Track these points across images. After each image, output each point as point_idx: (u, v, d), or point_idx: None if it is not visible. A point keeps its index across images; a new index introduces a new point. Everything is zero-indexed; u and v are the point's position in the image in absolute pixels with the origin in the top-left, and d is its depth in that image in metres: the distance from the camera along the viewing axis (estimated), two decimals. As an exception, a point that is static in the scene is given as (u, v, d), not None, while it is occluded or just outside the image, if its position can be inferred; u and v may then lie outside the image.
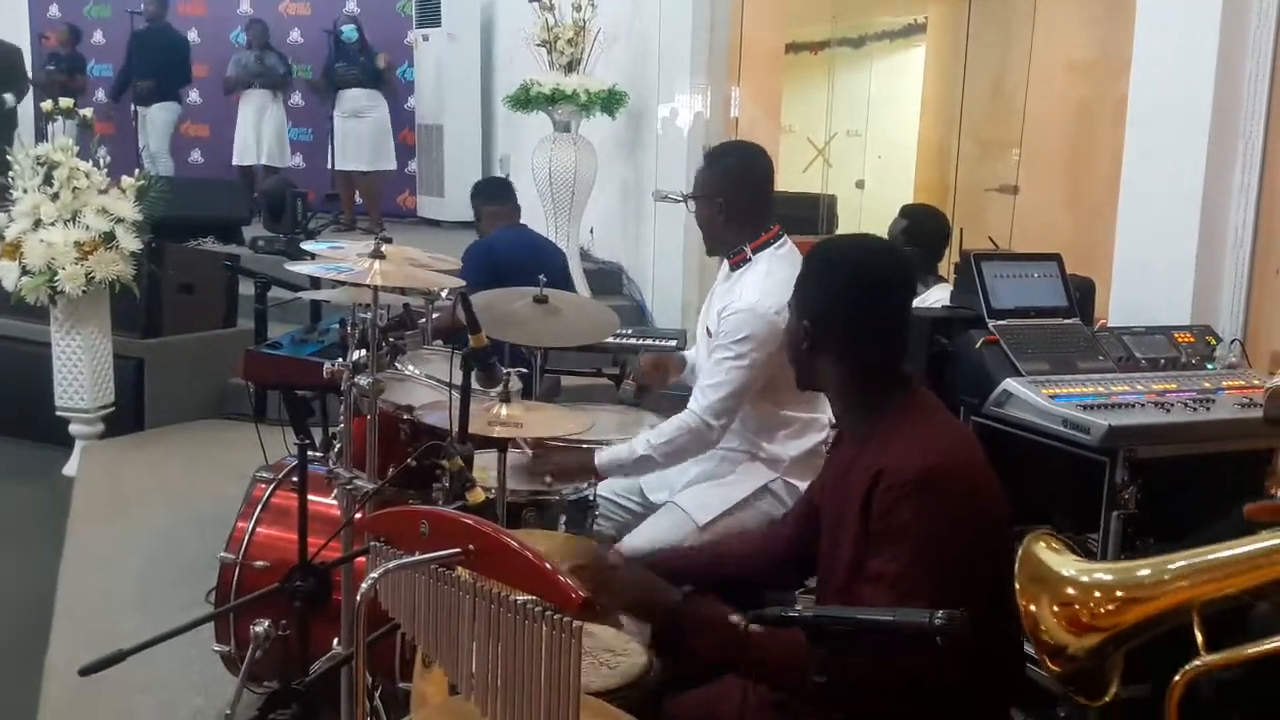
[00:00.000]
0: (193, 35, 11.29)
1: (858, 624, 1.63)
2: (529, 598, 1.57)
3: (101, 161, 5.71)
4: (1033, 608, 1.29)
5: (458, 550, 1.64)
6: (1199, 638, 1.18)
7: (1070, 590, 1.28)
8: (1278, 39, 3.86)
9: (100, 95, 11.57)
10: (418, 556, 1.66)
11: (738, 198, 3.26)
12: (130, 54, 10.61)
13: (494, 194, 5.37)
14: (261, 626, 2.86)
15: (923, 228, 4.70)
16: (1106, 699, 1.29)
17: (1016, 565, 1.34)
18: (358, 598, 1.63)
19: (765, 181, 3.36)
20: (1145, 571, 1.24)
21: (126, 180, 5.74)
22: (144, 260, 5.82)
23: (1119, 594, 1.24)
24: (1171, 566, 1.22)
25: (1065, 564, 1.33)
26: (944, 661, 1.64)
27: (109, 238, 5.56)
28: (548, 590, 1.56)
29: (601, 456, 3.19)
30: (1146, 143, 4.16)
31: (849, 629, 1.64)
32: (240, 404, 6.29)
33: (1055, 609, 1.28)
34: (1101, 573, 1.28)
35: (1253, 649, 1.14)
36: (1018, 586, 1.32)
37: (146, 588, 4.38)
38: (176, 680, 3.58)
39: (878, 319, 2.22)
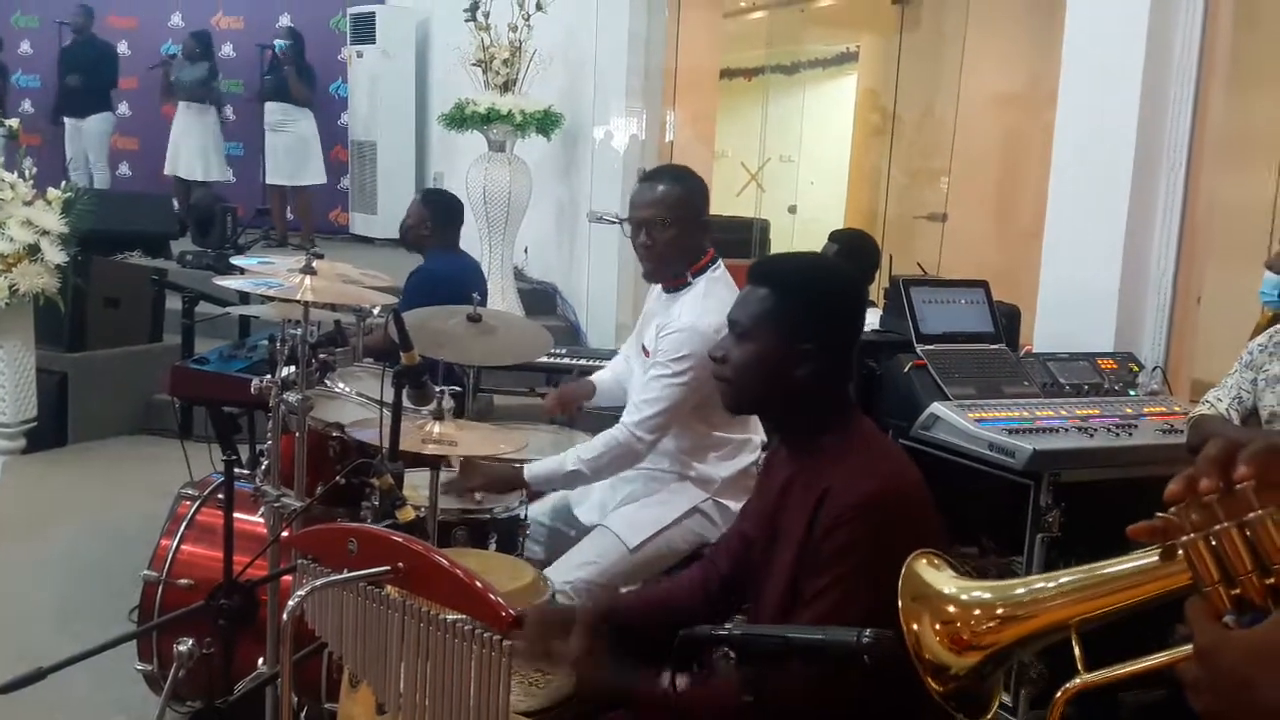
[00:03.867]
0: (123, 47, 11.14)
1: (786, 642, 1.63)
2: (458, 616, 1.56)
3: (28, 173, 5.61)
4: (915, 626, 1.29)
5: (387, 568, 1.64)
6: (1078, 656, 1.20)
7: (951, 608, 1.29)
8: (1200, 71, 3.97)
9: (26, 105, 11.39)
10: (346, 574, 1.65)
11: (695, 221, 3.27)
12: (60, 68, 10.48)
13: (452, 215, 5.18)
14: (185, 645, 2.81)
15: (854, 253, 4.75)
16: (988, 717, 1.30)
17: (900, 585, 1.35)
18: (284, 616, 1.61)
19: (707, 205, 3.39)
20: (1022, 590, 1.26)
21: (53, 192, 5.65)
22: (69, 273, 5.71)
23: (999, 612, 1.25)
24: (1048, 585, 1.24)
25: (945, 582, 1.34)
26: (875, 681, 1.65)
27: (34, 250, 5.46)
28: (477, 609, 1.56)
29: (532, 470, 3.17)
30: (1072, 173, 4.24)
31: (778, 648, 1.65)
32: (166, 420, 6.19)
33: (937, 627, 1.28)
34: (981, 591, 1.29)
35: (1126, 669, 1.16)
36: (900, 605, 1.32)
37: (68, 605, 4.29)
38: (98, 699, 3.51)
39: (848, 339, 2.23)
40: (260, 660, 2.89)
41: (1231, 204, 4.37)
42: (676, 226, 3.23)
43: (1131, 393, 3.74)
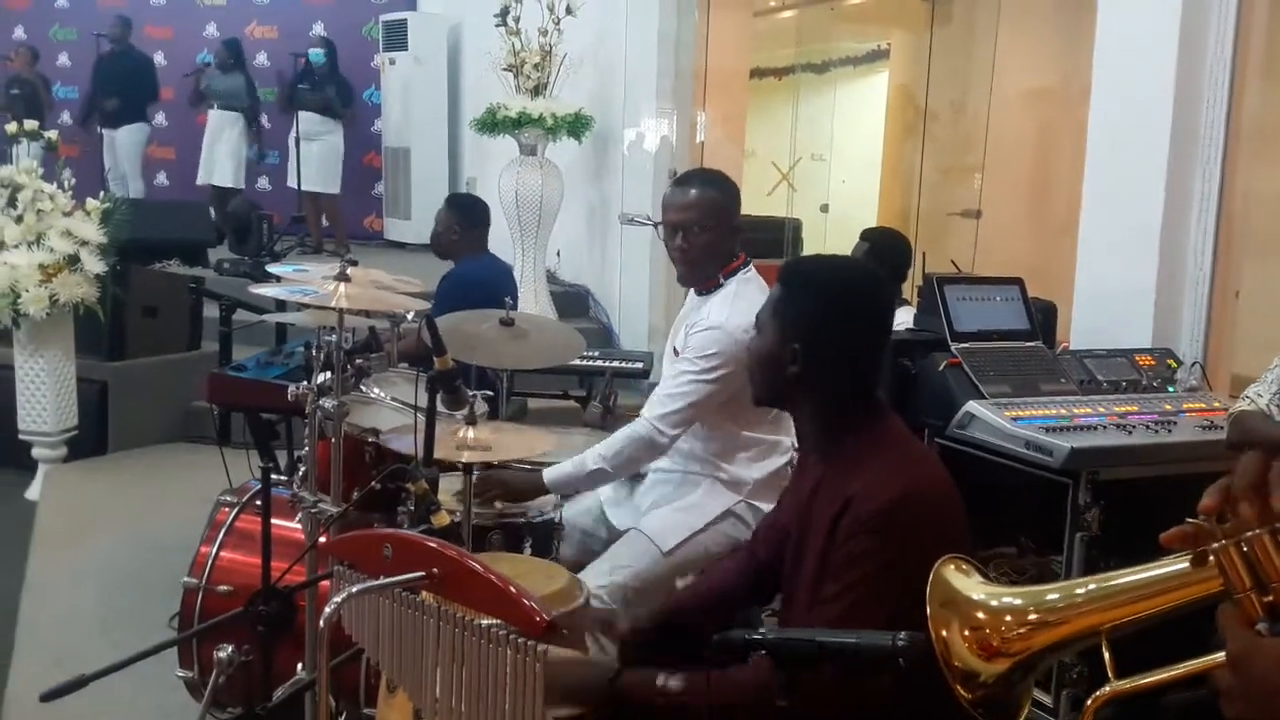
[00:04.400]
0: (159, 58, 11.24)
1: (820, 647, 1.63)
2: (493, 621, 1.57)
3: (66, 184, 5.68)
4: (944, 633, 1.28)
5: (421, 574, 1.64)
6: (1108, 663, 1.19)
7: (981, 615, 1.28)
8: (1234, 63, 3.93)
9: (65, 117, 11.51)
10: (381, 580, 1.65)
11: (729, 225, 3.27)
12: (95, 78, 10.57)
13: (479, 218, 5.20)
14: (225, 652, 2.83)
15: (885, 251, 4.73)
16: None
17: (928, 591, 1.33)
18: (320, 623, 1.62)
19: (739, 209, 3.39)
20: (1054, 596, 1.25)
21: (91, 203, 5.71)
22: (108, 283, 5.77)
23: (1030, 618, 1.24)
24: (1079, 591, 1.23)
25: (974, 588, 1.32)
26: (908, 684, 1.64)
27: (73, 260, 5.52)
28: (511, 614, 1.56)
29: (552, 474, 3.17)
30: (1106, 168, 4.21)
31: (812, 652, 1.64)
32: (205, 427, 6.25)
33: (966, 634, 1.27)
34: (1011, 597, 1.28)
35: (1157, 676, 1.15)
36: (929, 612, 1.31)
37: (109, 613, 4.34)
38: (140, 706, 3.54)
39: (867, 341, 2.23)
40: (299, 666, 2.91)
41: (1269, 197, 4.32)
42: (711, 231, 3.23)
43: (1170, 389, 3.71)
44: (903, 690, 1.74)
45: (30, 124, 8.00)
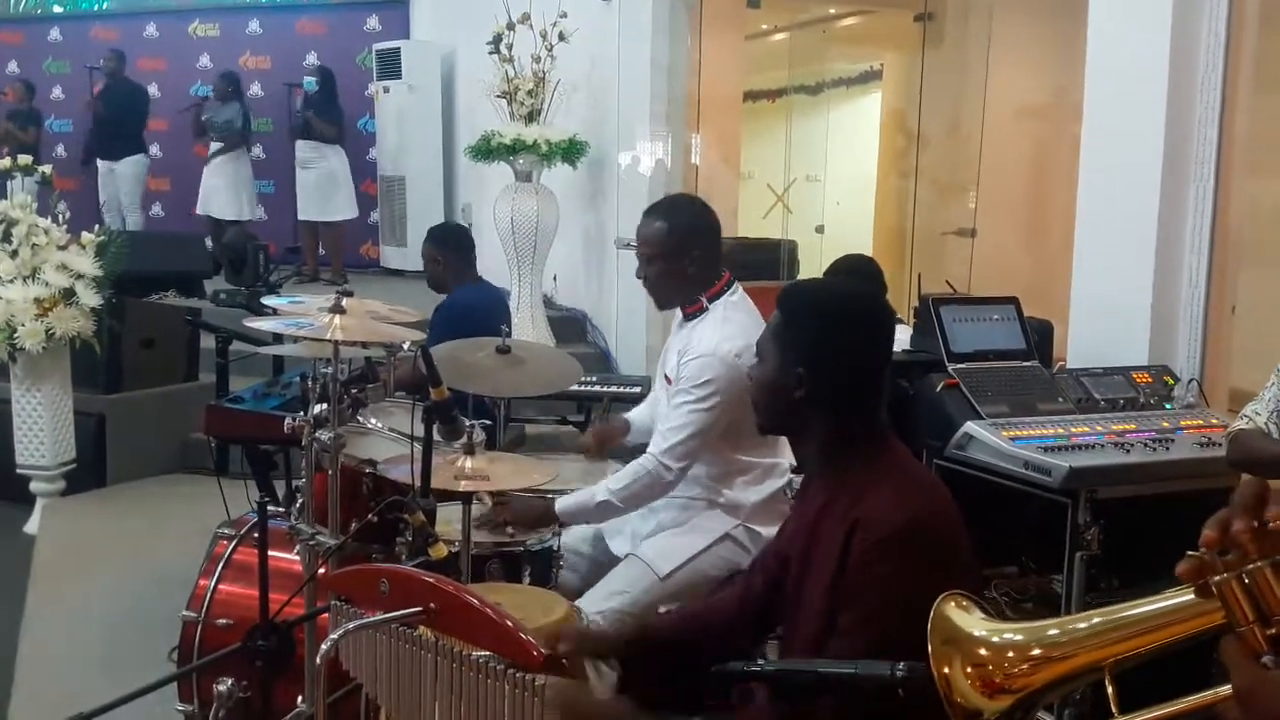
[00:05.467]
0: (153, 89, 11.29)
1: (819, 676, 1.62)
2: (490, 655, 1.56)
3: (61, 217, 5.68)
4: (946, 671, 1.27)
5: (419, 609, 1.64)
6: (1111, 697, 1.18)
7: (983, 651, 1.27)
8: (1225, 78, 3.94)
9: (60, 150, 11.54)
10: (378, 616, 1.65)
11: (706, 251, 3.28)
12: (96, 116, 10.62)
13: (460, 244, 5.23)
14: (225, 685, 2.83)
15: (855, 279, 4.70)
16: None
17: (929, 629, 1.32)
18: (317, 659, 1.61)
19: (719, 229, 3.40)
20: (1055, 631, 1.24)
21: (86, 236, 5.72)
22: (104, 316, 5.77)
23: (1033, 654, 1.23)
24: (1081, 625, 1.22)
25: (976, 624, 1.31)
26: (910, 714, 1.63)
27: (69, 294, 5.52)
28: (509, 648, 1.56)
29: (563, 503, 3.19)
30: (1100, 185, 4.22)
31: (810, 681, 1.63)
32: (202, 458, 6.22)
33: (968, 671, 1.26)
34: (1012, 633, 1.27)
35: (1162, 710, 1.14)
36: (930, 650, 1.30)
37: (109, 646, 4.32)
38: (139, 741, 3.52)
39: (870, 361, 2.22)
40: (299, 699, 2.89)
41: (1263, 210, 4.32)
42: (661, 260, 3.31)
43: (1167, 406, 3.70)
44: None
45: (24, 159, 8.00)
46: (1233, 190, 4.02)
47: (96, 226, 6.02)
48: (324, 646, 1.63)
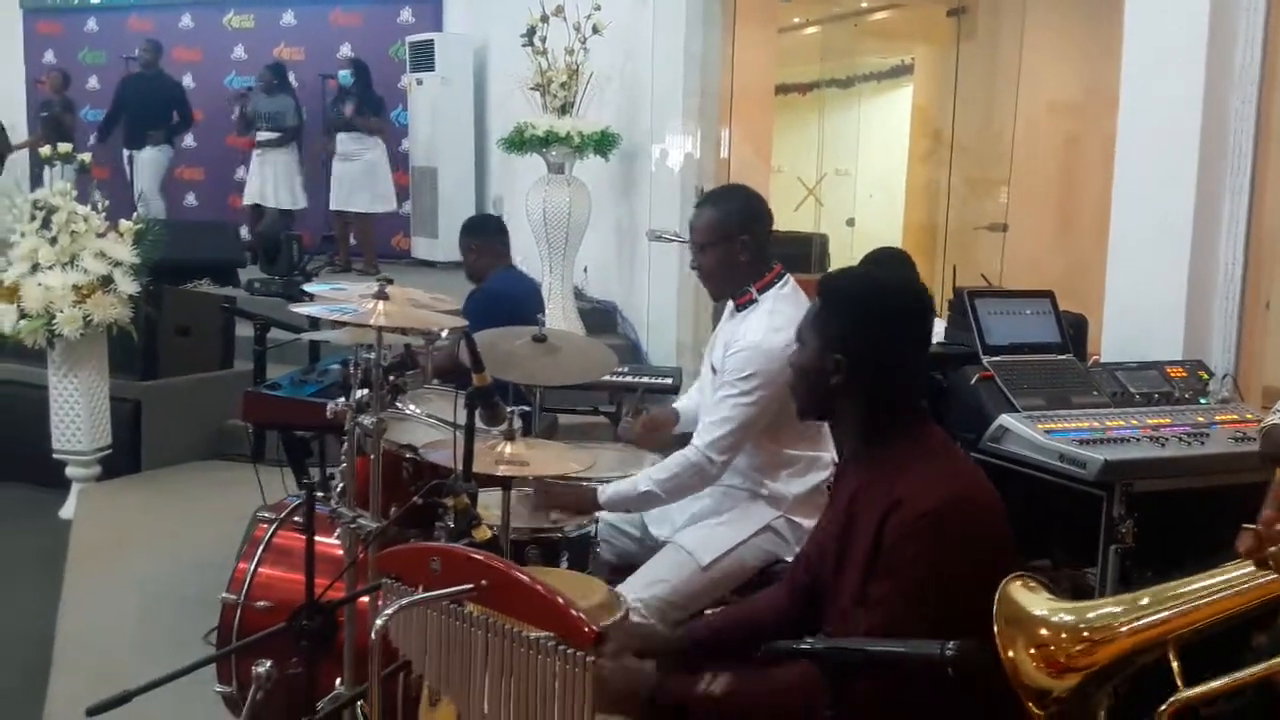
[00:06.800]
0: (187, 80, 11.35)
1: (869, 656, 1.63)
2: (541, 633, 1.59)
3: (99, 205, 5.74)
4: (1011, 652, 1.28)
5: (470, 586, 1.66)
6: (1176, 672, 1.19)
7: (1043, 631, 1.28)
8: (1263, 74, 3.92)
9: (94, 140, 11.63)
10: (432, 592, 1.67)
11: (756, 237, 3.29)
12: (118, 98, 10.65)
13: (492, 233, 5.26)
14: (264, 667, 2.85)
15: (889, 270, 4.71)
16: None
17: (995, 609, 1.34)
18: (372, 634, 1.64)
19: (770, 220, 3.40)
20: (1114, 609, 1.25)
21: (124, 224, 5.77)
22: (141, 303, 5.84)
23: (1085, 634, 1.24)
24: (1140, 603, 1.23)
25: (1038, 605, 1.32)
26: (956, 692, 1.65)
27: (106, 281, 5.58)
28: (560, 625, 1.58)
29: (605, 492, 3.21)
30: (1135, 180, 4.21)
31: (859, 660, 1.65)
32: (237, 445, 6.30)
33: (1031, 651, 1.27)
34: (1067, 613, 1.28)
35: (1226, 681, 1.16)
36: (996, 630, 1.31)
37: (145, 629, 4.37)
38: (178, 721, 3.57)
39: (908, 348, 2.25)
40: (338, 681, 2.93)
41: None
42: (716, 248, 3.30)
43: (1202, 400, 3.70)
44: (949, 699, 1.74)
45: (64, 147, 8.06)
46: (1269, 185, 4.01)
47: (134, 214, 6.07)
48: (379, 622, 1.66)
